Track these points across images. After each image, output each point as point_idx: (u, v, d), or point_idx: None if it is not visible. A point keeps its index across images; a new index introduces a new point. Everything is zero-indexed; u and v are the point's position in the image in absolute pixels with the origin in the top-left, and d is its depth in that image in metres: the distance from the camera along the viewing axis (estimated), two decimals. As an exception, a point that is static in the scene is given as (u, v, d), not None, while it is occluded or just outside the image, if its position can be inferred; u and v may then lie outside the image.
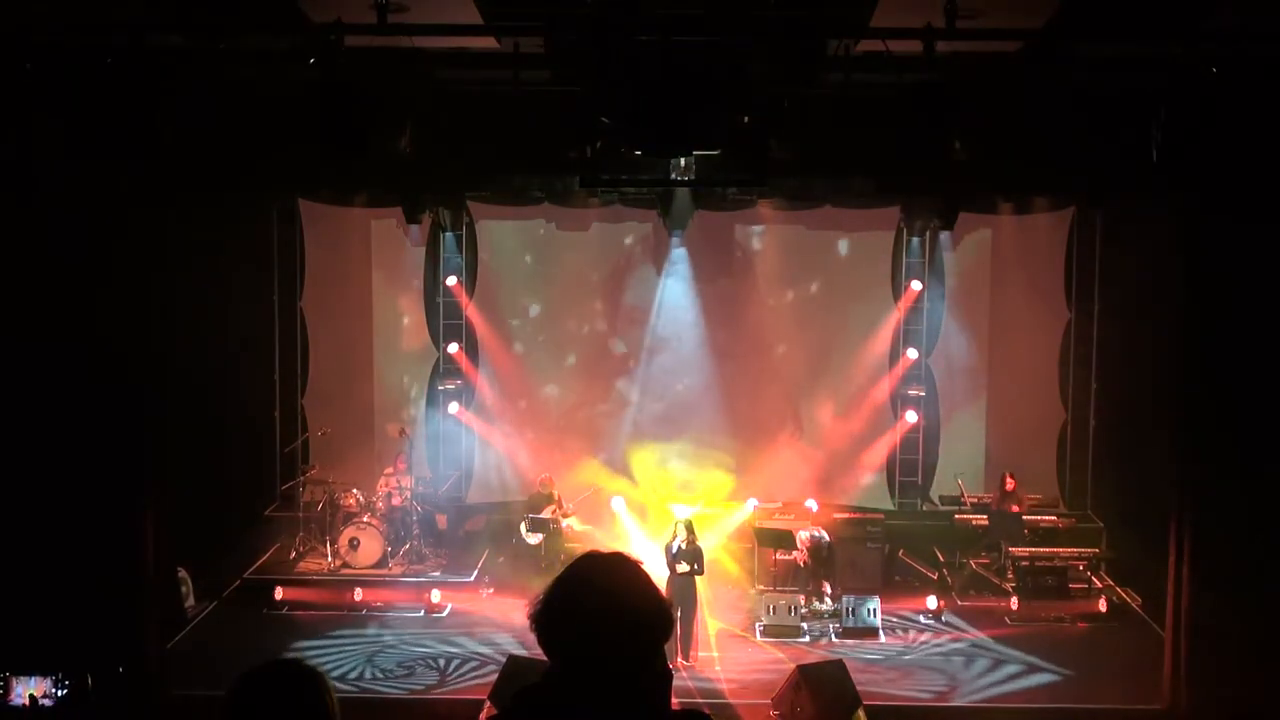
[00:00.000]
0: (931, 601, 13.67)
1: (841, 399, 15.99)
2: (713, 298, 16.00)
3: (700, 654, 12.43)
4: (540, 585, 2.69)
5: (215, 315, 14.01)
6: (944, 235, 15.40)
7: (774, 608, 13.20)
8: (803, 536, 13.93)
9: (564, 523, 14.54)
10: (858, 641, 12.85)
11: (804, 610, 13.24)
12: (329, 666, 11.80)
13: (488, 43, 10.04)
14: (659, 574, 12.33)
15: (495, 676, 10.79)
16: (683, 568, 12.07)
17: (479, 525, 15.97)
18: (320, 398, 16.33)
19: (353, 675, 11.94)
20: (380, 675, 12.04)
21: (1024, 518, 14.51)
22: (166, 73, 9.22)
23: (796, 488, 15.34)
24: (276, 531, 15.49)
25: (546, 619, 2.60)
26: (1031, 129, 9.81)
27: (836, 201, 15.50)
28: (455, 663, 12.40)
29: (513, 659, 10.76)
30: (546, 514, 14.49)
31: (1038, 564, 13.89)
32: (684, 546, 12.15)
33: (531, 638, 2.65)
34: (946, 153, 9.40)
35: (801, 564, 13.84)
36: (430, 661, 12.42)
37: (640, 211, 15.78)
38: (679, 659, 11.98)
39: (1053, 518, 14.92)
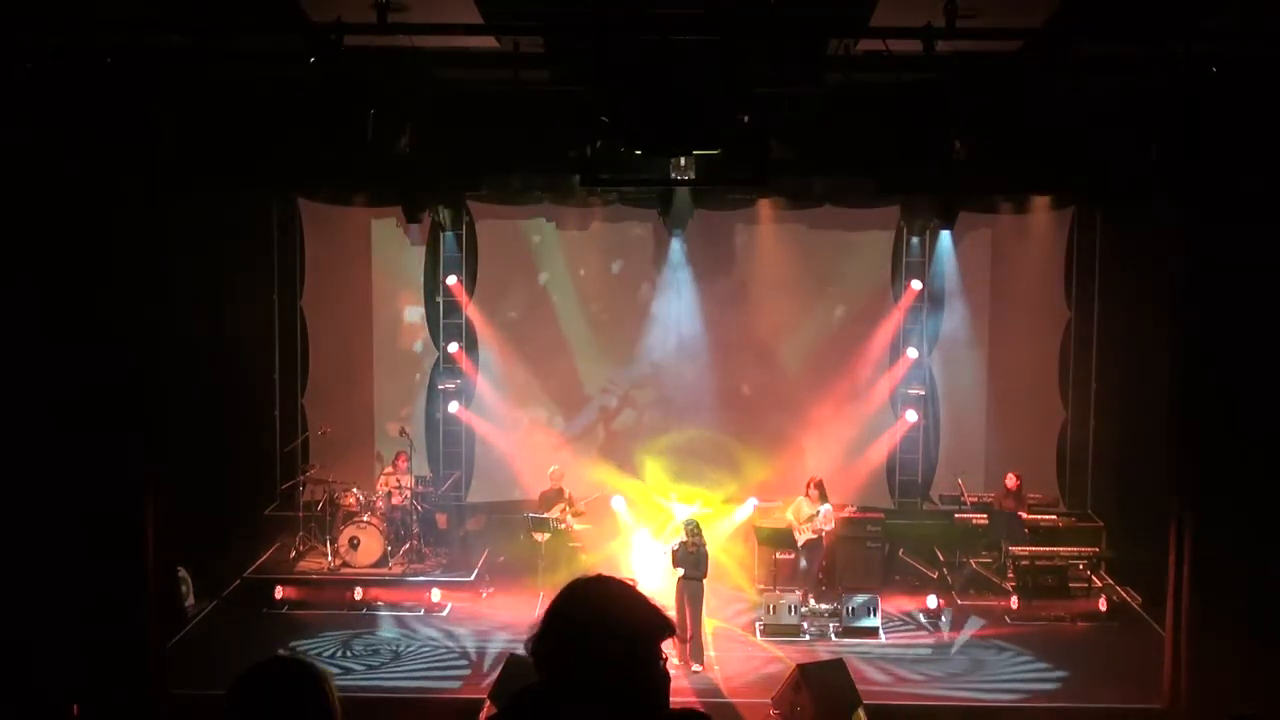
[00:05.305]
0: (931, 601, 13.68)
1: (841, 399, 15.98)
2: (713, 297, 16.00)
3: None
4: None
5: (215, 315, 14.01)
6: (944, 235, 15.39)
7: (774, 608, 13.20)
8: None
9: (565, 522, 14.50)
10: (858, 641, 12.85)
11: (804, 610, 13.25)
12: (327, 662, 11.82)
13: (488, 43, 10.05)
14: (662, 581, 12.34)
15: (495, 676, 10.79)
16: (678, 572, 12.04)
17: (479, 525, 15.98)
18: (320, 397, 16.32)
19: (345, 671, 11.97)
20: (376, 672, 12.05)
21: (1024, 517, 14.51)
22: (166, 72, 9.22)
23: (796, 487, 15.30)
24: (276, 531, 15.50)
25: (543, 649, 2.62)
26: (1031, 129, 9.80)
27: (836, 201, 15.49)
28: (454, 659, 12.41)
29: (513, 659, 10.74)
30: (555, 512, 14.44)
31: (1038, 563, 13.90)
32: (686, 550, 12.11)
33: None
34: (946, 153, 9.41)
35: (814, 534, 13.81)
36: (430, 659, 12.42)
37: (640, 211, 15.77)
38: (689, 663, 11.92)
39: (1053, 517, 14.91)
